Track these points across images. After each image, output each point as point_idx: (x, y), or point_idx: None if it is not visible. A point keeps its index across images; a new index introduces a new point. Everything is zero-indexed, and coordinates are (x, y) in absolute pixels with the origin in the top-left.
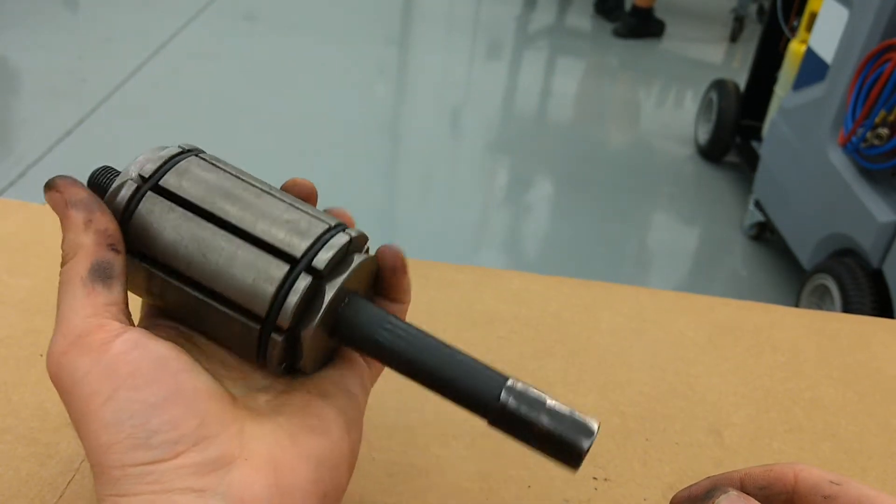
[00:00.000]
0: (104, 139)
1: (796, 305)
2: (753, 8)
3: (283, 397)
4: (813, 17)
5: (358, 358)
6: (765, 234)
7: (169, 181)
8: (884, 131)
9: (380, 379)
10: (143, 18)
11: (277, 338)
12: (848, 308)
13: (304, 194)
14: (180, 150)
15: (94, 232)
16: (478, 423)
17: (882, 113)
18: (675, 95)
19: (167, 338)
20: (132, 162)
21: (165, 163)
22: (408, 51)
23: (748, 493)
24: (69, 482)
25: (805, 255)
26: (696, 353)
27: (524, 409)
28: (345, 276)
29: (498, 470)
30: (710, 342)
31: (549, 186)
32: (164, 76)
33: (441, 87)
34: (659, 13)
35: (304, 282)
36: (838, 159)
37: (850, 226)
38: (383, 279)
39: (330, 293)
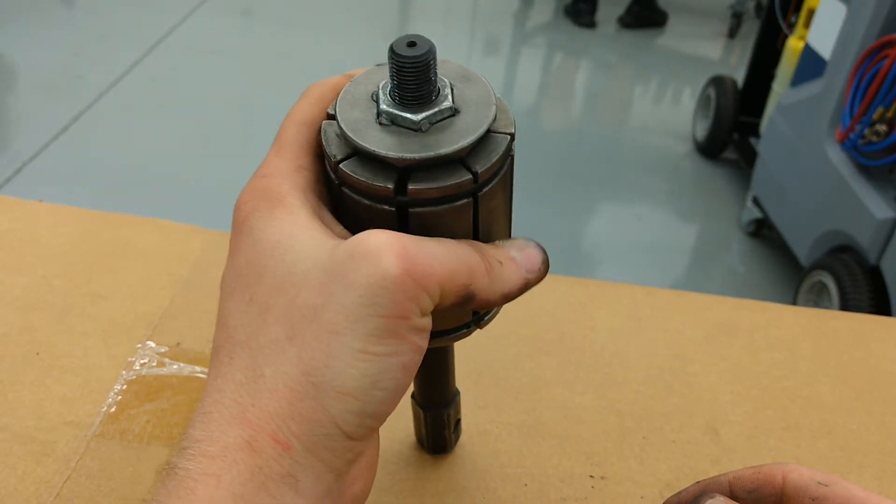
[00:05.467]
0: (101, 136)
1: (794, 302)
2: (751, 4)
3: None
4: (811, 13)
5: None
6: (762, 231)
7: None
8: (881, 128)
9: None
10: (140, 14)
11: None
12: (845, 305)
13: None
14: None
15: (504, 300)
16: (474, 421)
17: (880, 109)
18: (672, 92)
19: None
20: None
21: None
22: None
23: (737, 497)
24: (65, 480)
25: (803, 252)
26: (693, 352)
27: (451, 419)
28: None
29: (495, 468)
30: (707, 340)
31: (546, 182)
32: (161, 72)
33: None
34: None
35: None
36: (836, 156)
37: (847, 222)
38: None
39: None
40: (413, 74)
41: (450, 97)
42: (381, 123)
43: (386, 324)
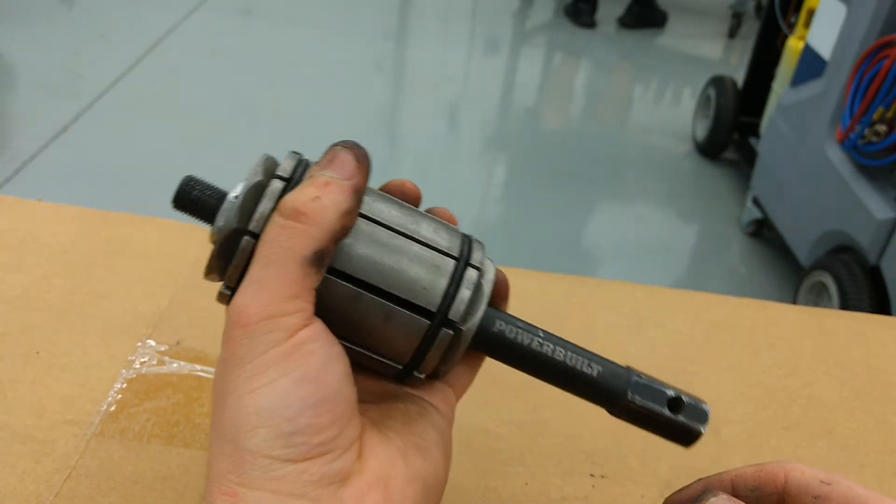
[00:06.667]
0: (100, 135)
1: (794, 302)
2: (751, 4)
3: (383, 410)
4: (811, 13)
5: (445, 381)
6: (762, 231)
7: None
8: (881, 128)
9: None
10: (140, 14)
11: (447, 332)
12: (845, 305)
13: (411, 199)
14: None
15: (346, 216)
16: (475, 419)
17: (880, 109)
18: (672, 92)
19: None
20: (251, 172)
21: (298, 165)
22: (405, 46)
23: (739, 495)
24: (65, 479)
25: (803, 252)
26: (694, 351)
27: (649, 404)
28: (493, 273)
29: (495, 467)
30: (708, 339)
31: (547, 183)
32: (161, 72)
33: (439, 82)
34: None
35: (471, 276)
36: (836, 156)
37: (847, 223)
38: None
39: (488, 288)
40: (187, 207)
41: (232, 194)
42: None
43: (259, 363)
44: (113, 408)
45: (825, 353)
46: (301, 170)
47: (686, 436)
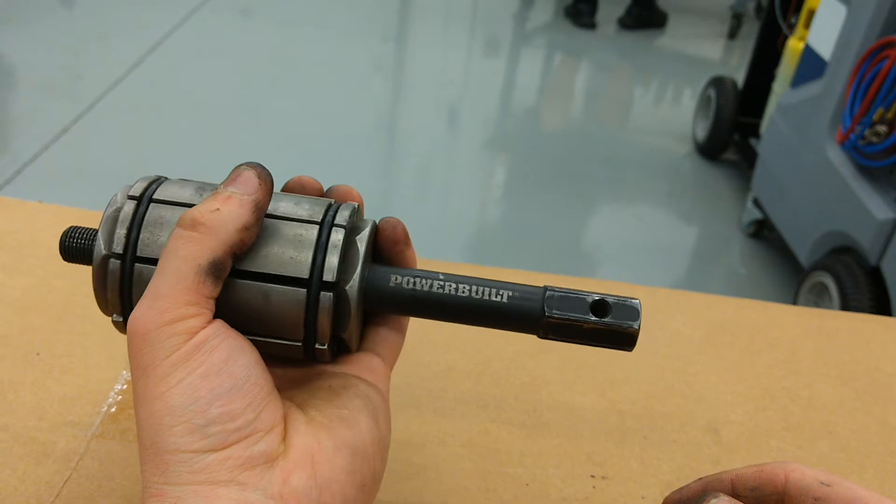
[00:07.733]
0: (100, 137)
1: (794, 303)
2: (752, 5)
3: (308, 391)
4: (811, 14)
5: (370, 350)
6: (763, 232)
7: (165, 193)
8: (882, 128)
9: None
10: (140, 14)
11: (327, 294)
12: (846, 306)
13: (312, 191)
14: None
15: (244, 231)
16: (475, 420)
17: (880, 110)
18: (673, 92)
19: None
20: (108, 205)
21: (150, 184)
22: (405, 47)
23: (739, 495)
24: (66, 481)
25: (803, 253)
26: (694, 352)
27: (571, 315)
28: (368, 229)
29: (496, 468)
30: (708, 340)
31: (547, 183)
32: (161, 73)
33: (438, 83)
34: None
35: (338, 235)
36: (836, 156)
37: (848, 223)
38: (385, 252)
39: (362, 245)
40: (74, 257)
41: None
42: None
43: (163, 367)
44: (113, 409)
45: (825, 353)
46: (154, 186)
47: (622, 338)
